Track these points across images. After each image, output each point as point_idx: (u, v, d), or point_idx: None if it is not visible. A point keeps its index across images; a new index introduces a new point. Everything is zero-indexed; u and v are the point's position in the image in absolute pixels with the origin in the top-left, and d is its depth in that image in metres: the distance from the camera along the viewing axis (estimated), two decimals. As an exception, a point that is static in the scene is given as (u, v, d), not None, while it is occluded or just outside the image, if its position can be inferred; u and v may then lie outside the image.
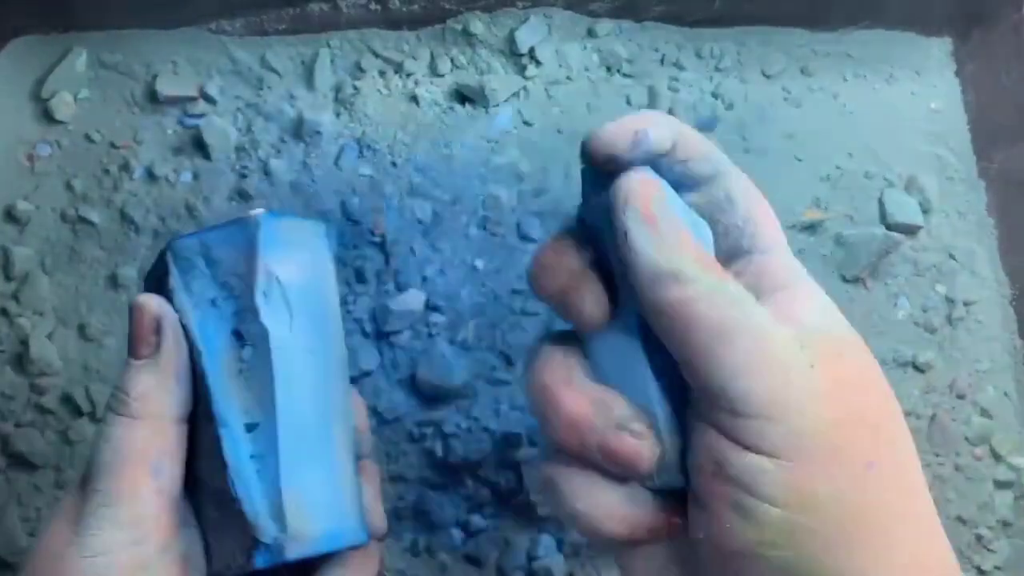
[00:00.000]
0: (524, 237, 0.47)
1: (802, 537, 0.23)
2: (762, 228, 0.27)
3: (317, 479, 0.29)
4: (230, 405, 0.29)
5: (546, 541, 0.43)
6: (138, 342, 0.29)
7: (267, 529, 0.28)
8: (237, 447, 0.28)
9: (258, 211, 0.30)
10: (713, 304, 0.23)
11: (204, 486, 0.30)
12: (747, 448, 0.23)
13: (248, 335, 0.29)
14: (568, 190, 0.49)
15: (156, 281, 0.30)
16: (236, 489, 0.28)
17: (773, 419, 0.22)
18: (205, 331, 0.29)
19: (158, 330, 0.29)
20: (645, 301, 0.24)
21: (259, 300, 0.29)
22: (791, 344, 0.23)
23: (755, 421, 0.23)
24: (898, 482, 0.24)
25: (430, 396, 0.44)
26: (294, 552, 0.28)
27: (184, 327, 0.29)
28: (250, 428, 0.29)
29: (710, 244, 0.27)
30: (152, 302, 0.29)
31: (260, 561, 0.28)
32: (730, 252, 0.28)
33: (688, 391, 0.25)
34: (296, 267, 0.30)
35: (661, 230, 0.24)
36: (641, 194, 0.25)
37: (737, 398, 0.23)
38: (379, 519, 0.33)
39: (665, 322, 0.24)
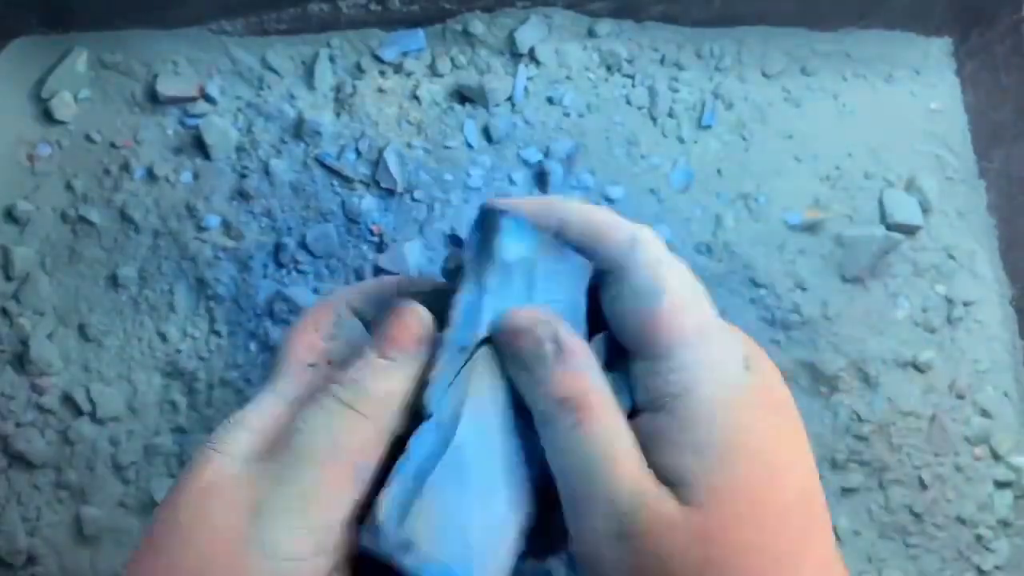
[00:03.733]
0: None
1: None
2: (653, 333, 0.26)
3: (464, 507, 0.26)
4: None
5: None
6: (394, 343, 0.26)
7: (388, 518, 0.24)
8: (423, 445, 0.26)
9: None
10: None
11: None
12: None
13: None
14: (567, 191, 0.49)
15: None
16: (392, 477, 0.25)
17: None
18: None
19: (422, 342, 0.26)
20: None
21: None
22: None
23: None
24: None
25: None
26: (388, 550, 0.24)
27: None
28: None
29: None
30: (424, 312, 0.27)
31: (363, 539, 0.24)
32: (636, 353, 0.27)
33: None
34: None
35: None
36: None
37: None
38: None
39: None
